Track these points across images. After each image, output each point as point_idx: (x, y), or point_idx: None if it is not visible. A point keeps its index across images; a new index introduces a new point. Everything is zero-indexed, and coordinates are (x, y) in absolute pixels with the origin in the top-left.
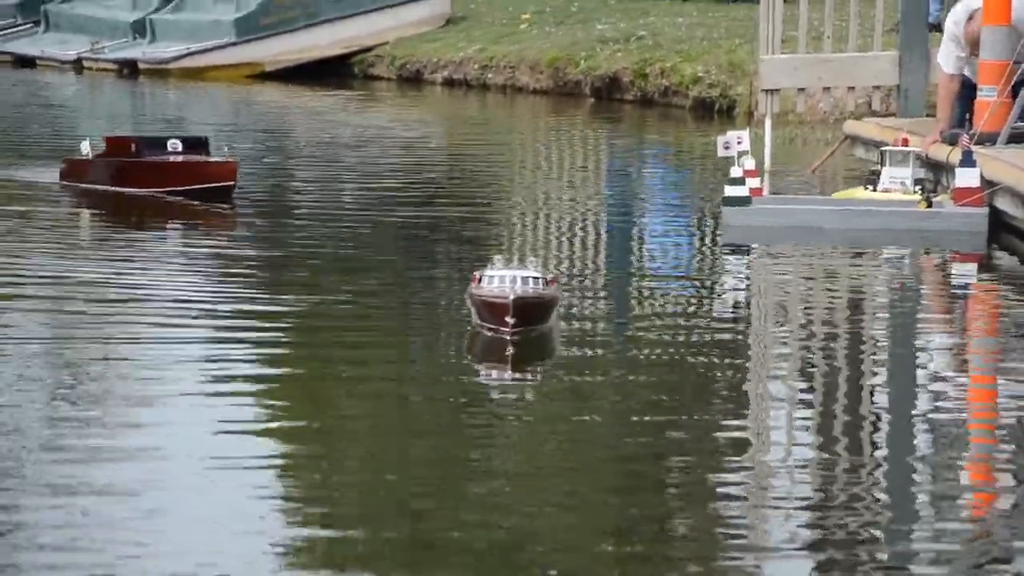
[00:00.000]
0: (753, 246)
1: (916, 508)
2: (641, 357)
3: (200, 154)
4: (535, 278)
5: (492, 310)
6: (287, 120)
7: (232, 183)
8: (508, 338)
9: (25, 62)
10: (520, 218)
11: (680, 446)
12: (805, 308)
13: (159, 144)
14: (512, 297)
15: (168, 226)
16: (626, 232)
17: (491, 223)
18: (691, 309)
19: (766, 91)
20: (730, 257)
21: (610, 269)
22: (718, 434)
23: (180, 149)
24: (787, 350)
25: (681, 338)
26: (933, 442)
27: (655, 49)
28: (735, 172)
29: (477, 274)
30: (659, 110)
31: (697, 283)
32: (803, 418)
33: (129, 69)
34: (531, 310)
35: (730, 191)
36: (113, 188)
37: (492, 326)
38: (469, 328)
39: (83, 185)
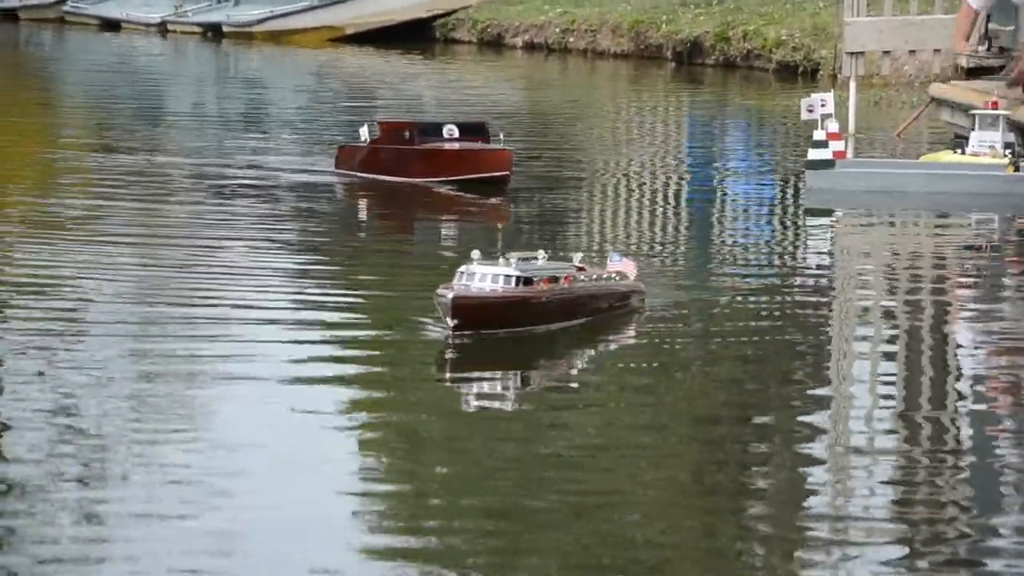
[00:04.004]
0: (836, 209)
1: (998, 473)
2: (723, 325)
3: (478, 140)
4: (507, 276)
5: (442, 311)
6: (373, 84)
7: (506, 173)
8: (449, 341)
9: (110, 25)
10: (602, 186)
11: (764, 413)
12: (888, 273)
13: (435, 130)
14: (451, 296)
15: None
16: (708, 197)
17: (573, 194)
18: (773, 274)
19: (851, 54)
20: (813, 220)
21: (691, 234)
22: (801, 401)
23: (456, 135)
24: (870, 316)
25: (763, 304)
26: (1016, 406)
27: (737, 12)
28: (818, 135)
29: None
30: (741, 74)
31: (779, 247)
32: (887, 385)
33: (213, 32)
34: (477, 313)
35: (813, 154)
36: (386, 177)
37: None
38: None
39: (357, 173)
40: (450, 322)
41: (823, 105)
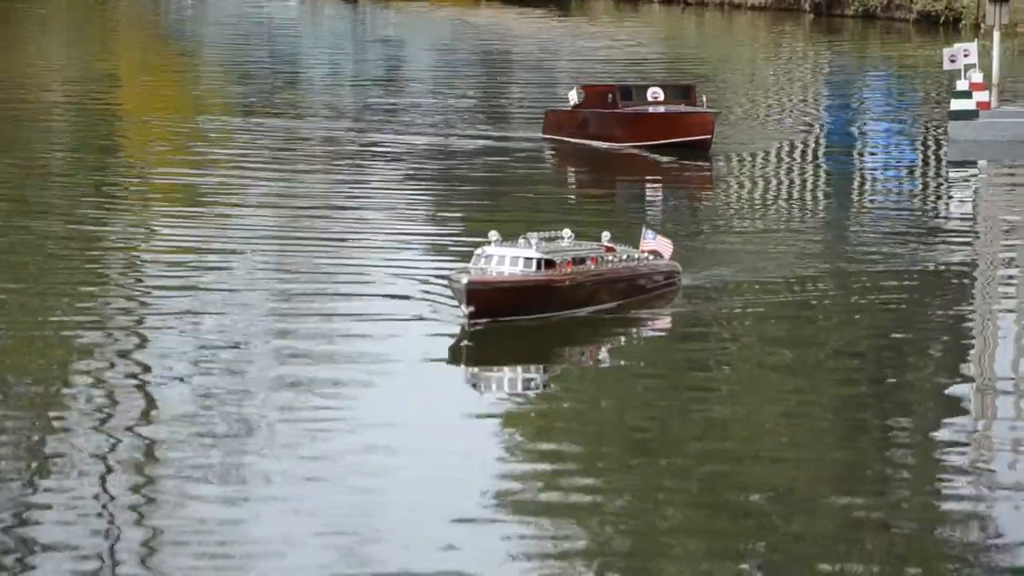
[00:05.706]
0: (980, 160)
1: None
2: (863, 283)
3: (684, 103)
4: (527, 259)
5: (456, 297)
6: (512, 41)
7: (707, 137)
8: (467, 328)
9: None
10: (738, 142)
11: (903, 378)
12: None
13: (638, 92)
14: (465, 282)
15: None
16: (848, 149)
17: (708, 151)
18: (915, 230)
19: (994, 1)
20: (956, 173)
21: (832, 189)
22: (941, 368)
23: (660, 98)
24: (1014, 271)
25: (902, 265)
26: None
27: None
28: (961, 85)
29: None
30: (881, 24)
31: (922, 201)
32: None
33: None
34: (495, 298)
35: (956, 105)
36: (590, 142)
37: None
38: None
39: (564, 139)
40: (466, 309)
41: (966, 55)
